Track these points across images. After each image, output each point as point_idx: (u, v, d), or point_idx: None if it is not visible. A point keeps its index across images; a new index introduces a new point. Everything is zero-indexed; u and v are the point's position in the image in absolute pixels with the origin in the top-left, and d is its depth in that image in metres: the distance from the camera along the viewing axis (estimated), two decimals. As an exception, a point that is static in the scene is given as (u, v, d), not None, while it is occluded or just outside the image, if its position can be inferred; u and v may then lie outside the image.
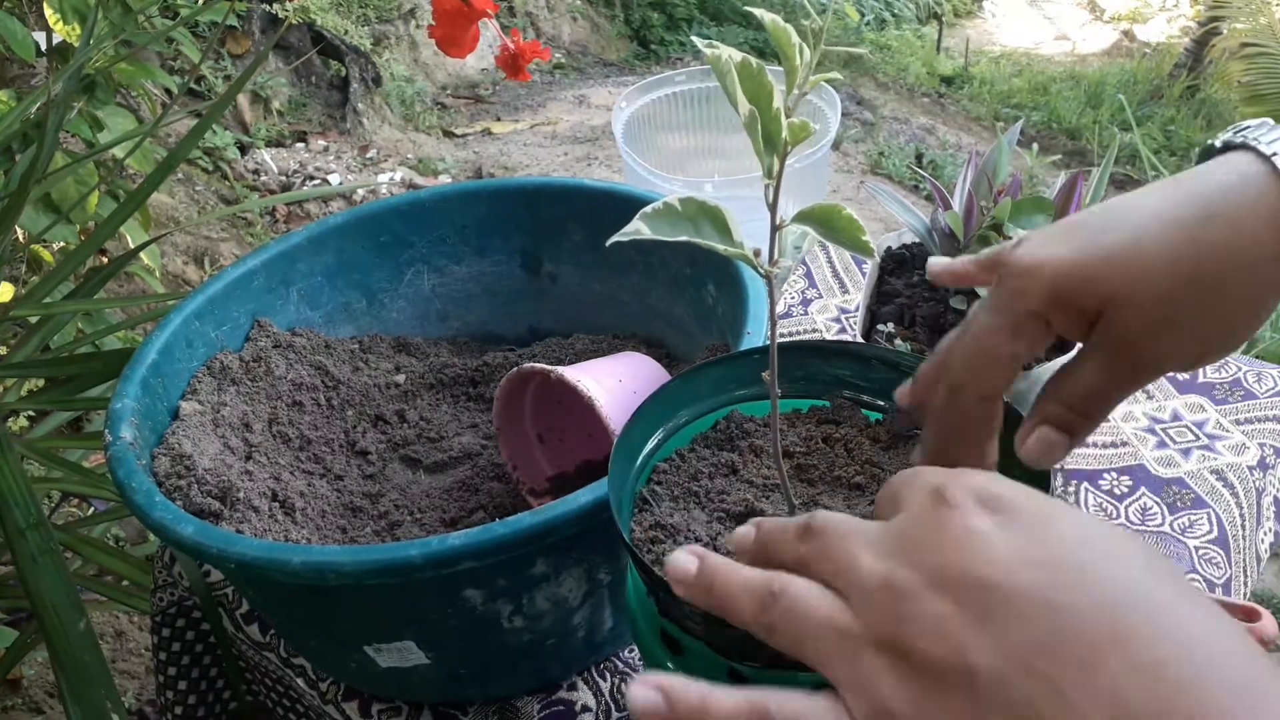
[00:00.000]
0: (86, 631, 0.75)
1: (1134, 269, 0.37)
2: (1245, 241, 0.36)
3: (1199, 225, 0.37)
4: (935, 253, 0.80)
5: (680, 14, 4.69)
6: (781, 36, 0.40)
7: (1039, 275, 0.37)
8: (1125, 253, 0.37)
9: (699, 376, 0.54)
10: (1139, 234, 0.37)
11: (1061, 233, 0.39)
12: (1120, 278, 0.37)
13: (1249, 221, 0.36)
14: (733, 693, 0.30)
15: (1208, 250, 0.36)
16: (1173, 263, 0.36)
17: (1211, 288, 0.37)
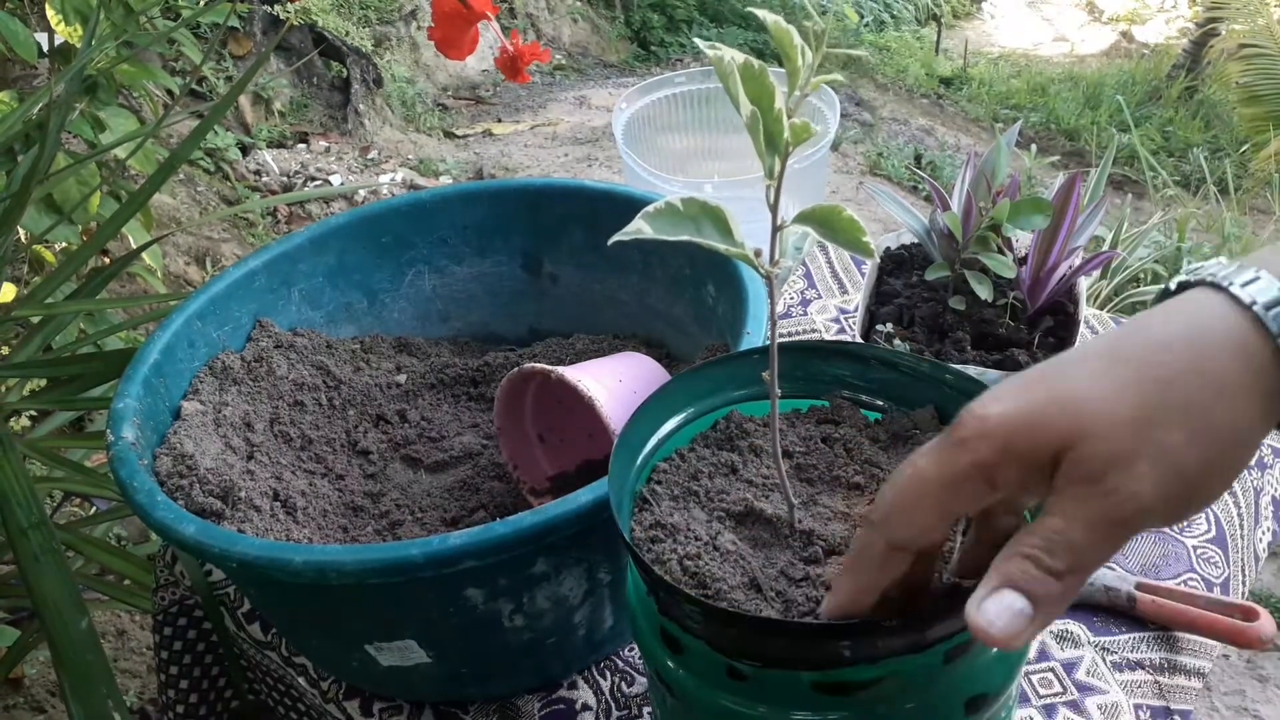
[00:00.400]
0: (88, 630, 0.75)
1: (1091, 402, 0.33)
2: (1211, 368, 0.34)
3: (1156, 353, 0.34)
4: (935, 253, 0.80)
5: (680, 15, 4.70)
6: (784, 38, 0.41)
7: (985, 425, 0.34)
8: (1078, 390, 0.34)
9: (699, 376, 0.55)
10: (1092, 372, 0.34)
11: (1009, 386, 0.35)
12: (1074, 414, 0.33)
13: (1213, 350, 0.34)
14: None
15: (1169, 376, 0.33)
16: (1135, 388, 0.33)
17: (1181, 410, 0.33)
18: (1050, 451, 0.33)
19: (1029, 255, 0.79)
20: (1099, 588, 0.70)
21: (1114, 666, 0.67)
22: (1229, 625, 0.67)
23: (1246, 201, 3.45)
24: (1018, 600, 0.33)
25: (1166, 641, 0.69)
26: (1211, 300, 0.35)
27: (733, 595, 0.45)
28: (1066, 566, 0.33)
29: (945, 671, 0.43)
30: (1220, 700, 1.64)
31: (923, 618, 0.41)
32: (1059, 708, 0.65)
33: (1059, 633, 0.69)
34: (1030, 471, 0.34)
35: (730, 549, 0.48)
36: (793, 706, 0.43)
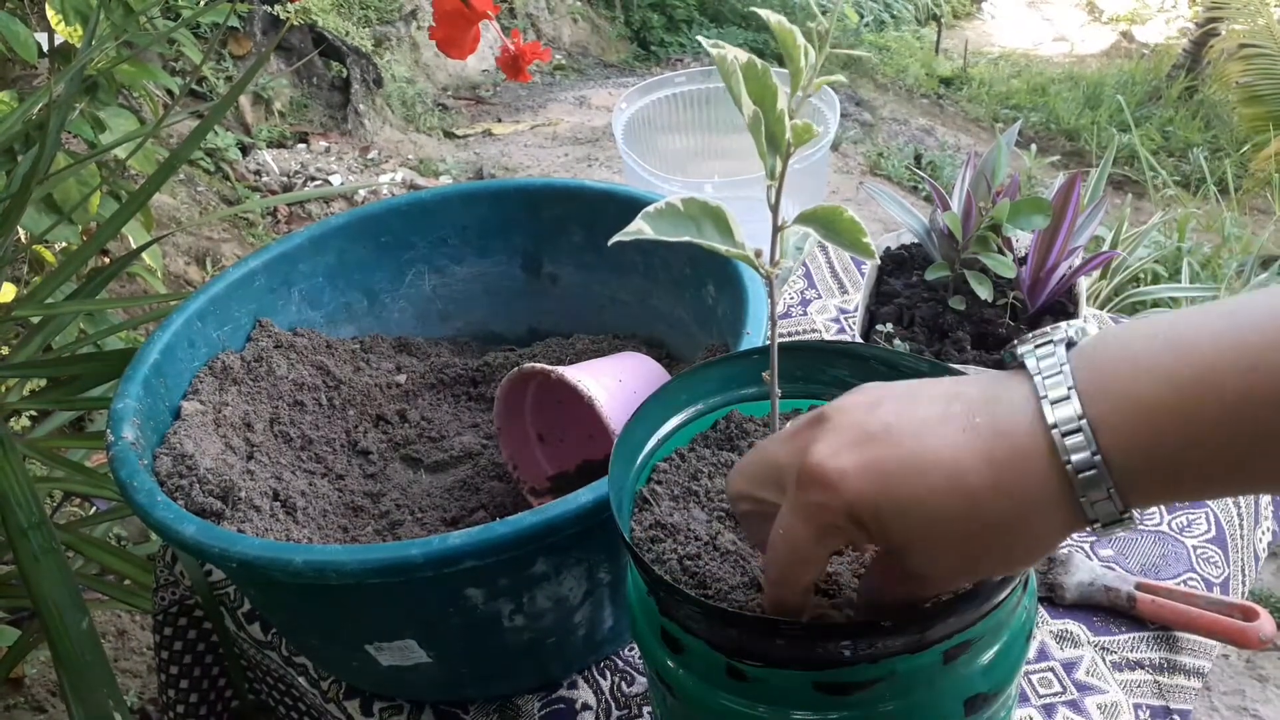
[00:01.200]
0: (89, 630, 0.75)
1: (921, 527, 0.38)
2: (1023, 515, 0.37)
3: (982, 497, 0.37)
4: (935, 253, 0.80)
5: (680, 15, 4.70)
6: (787, 38, 0.41)
7: (838, 498, 0.38)
8: (915, 504, 0.37)
9: (699, 376, 0.55)
10: (929, 493, 0.37)
11: (859, 440, 0.39)
12: (905, 531, 0.38)
13: (1029, 497, 0.36)
14: None
15: (990, 522, 0.37)
16: (954, 526, 0.37)
17: (989, 549, 0.38)
18: (887, 545, 0.39)
19: (1029, 255, 0.79)
20: (1099, 588, 0.70)
21: (1114, 666, 0.67)
22: (1229, 625, 0.67)
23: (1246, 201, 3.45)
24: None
25: (1166, 641, 0.69)
26: (1029, 426, 0.37)
27: (733, 595, 0.45)
28: (874, 607, 0.43)
29: (945, 671, 0.43)
30: (1220, 700, 1.64)
31: (923, 618, 0.41)
32: (1058, 707, 0.65)
33: (1059, 632, 0.69)
34: (870, 539, 0.39)
35: (730, 549, 0.48)
36: (793, 706, 0.43)
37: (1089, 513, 0.36)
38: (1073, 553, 0.73)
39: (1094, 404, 0.35)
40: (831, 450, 0.39)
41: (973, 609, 0.42)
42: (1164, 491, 0.37)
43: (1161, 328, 0.36)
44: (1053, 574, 0.71)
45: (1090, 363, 0.36)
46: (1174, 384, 0.34)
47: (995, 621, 0.44)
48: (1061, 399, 0.36)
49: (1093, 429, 0.35)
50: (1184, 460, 0.35)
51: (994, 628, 0.44)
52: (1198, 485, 0.36)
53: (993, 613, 0.43)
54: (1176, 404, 0.34)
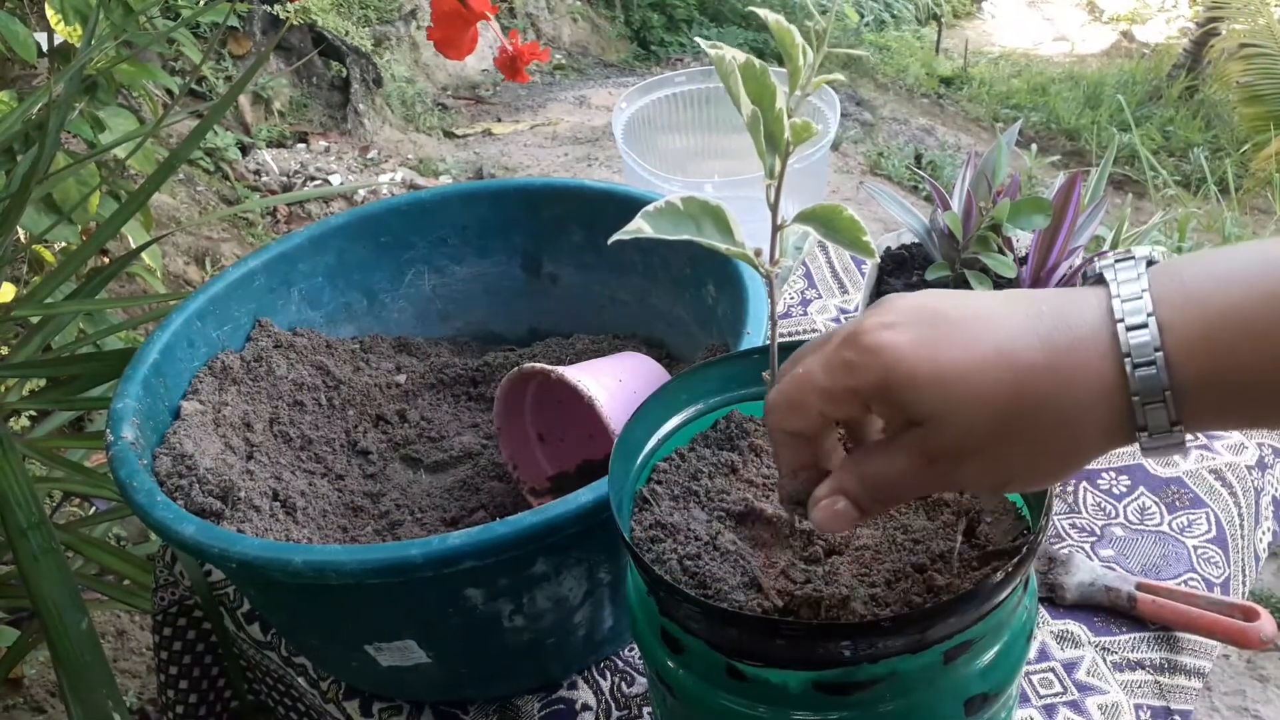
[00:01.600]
0: (88, 631, 0.75)
1: (961, 393, 0.36)
2: (1068, 403, 0.35)
3: (1031, 374, 0.35)
4: (935, 253, 0.80)
5: (680, 15, 4.69)
6: (786, 37, 0.40)
7: (875, 362, 0.37)
8: (957, 376, 0.36)
9: (699, 376, 0.55)
10: (977, 362, 0.36)
11: (909, 319, 0.37)
12: (941, 400, 0.36)
13: (1079, 383, 0.35)
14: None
15: (1031, 403, 0.35)
16: (994, 401, 0.36)
17: (1023, 436, 0.36)
18: (918, 417, 0.37)
19: (1029, 255, 0.79)
20: (1100, 588, 0.70)
21: (1114, 666, 0.67)
22: (1229, 625, 0.67)
23: (1247, 201, 3.45)
24: (847, 506, 0.41)
25: (1167, 641, 0.69)
26: (1101, 319, 0.36)
27: (733, 595, 0.45)
28: (884, 498, 0.40)
29: (945, 671, 0.43)
30: (1220, 700, 1.63)
31: (923, 617, 0.41)
32: (1059, 708, 0.65)
33: (1059, 633, 0.69)
34: (896, 414, 0.38)
35: (730, 549, 0.47)
36: (793, 706, 0.43)
37: (1139, 417, 0.35)
38: (1073, 553, 0.72)
39: (1166, 307, 0.34)
40: (886, 321, 0.37)
41: (973, 609, 0.42)
42: (1222, 409, 0.35)
43: (1248, 246, 0.35)
44: (1053, 574, 0.71)
45: (1169, 273, 0.35)
46: (1255, 292, 0.33)
47: (996, 622, 0.44)
48: (1133, 297, 0.35)
49: (1160, 329, 0.34)
50: (1251, 375, 0.33)
51: (994, 628, 0.44)
52: (1258, 408, 0.35)
53: (993, 613, 0.43)
54: (1254, 312, 0.33)
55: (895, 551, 0.47)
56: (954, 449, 0.37)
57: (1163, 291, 0.35)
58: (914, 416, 0.37)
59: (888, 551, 0.47)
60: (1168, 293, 0.35)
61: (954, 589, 0.44)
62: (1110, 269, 0.37)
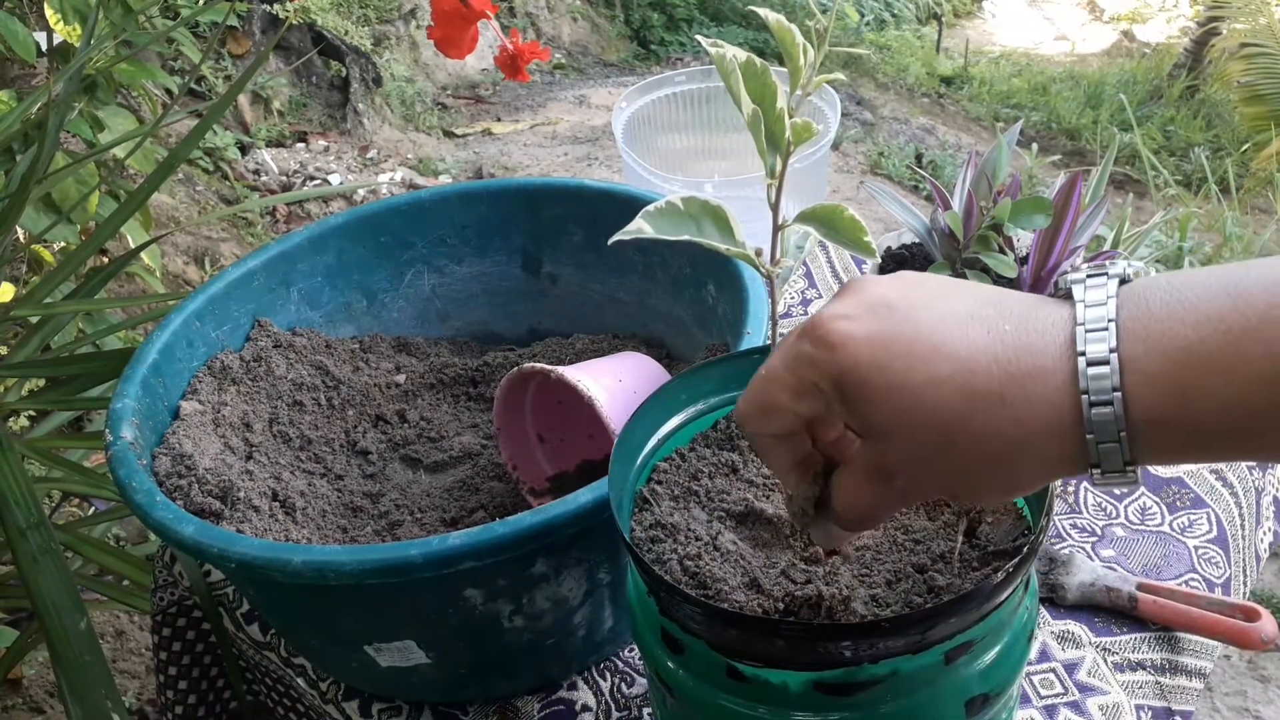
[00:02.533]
0: (87, 631, 0.75)
1: (909, 413, 0.35)
2: (1019, 437, 0.35)
3: (985, 403, 0.35)
4: (936, 252, 0.80)
5: (680, 14, 4.69)
6: (786, 37, 0.40)
7: (830, 358, 0.36)
8: (910, 393, 0.35)
9: (699, 376, 0.55)
10: (930, 380, 0.35)
11: (872, 316, 0.36)
12: (892, 414, 0.35)
13: (1034, 419, 0.34)
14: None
15: (979, 430, 0.35)
16: (943, 421, 0.35)
17: (970, 460, 0.35)
18: (867, 427, 0.37)
19: (1030, 255, 0.79)
20: (1100, 588, 0.70)
21: (1115, 667, 0.67)
22: (1230, 626, 0.67)
23: (1248, 201, 3.45)
24: (835, 528, 0.42)
25: (1168, 642, 0.69)
26: (1062, 335, 0.35)
27: (733, 595, 0.45)
28: (853, 526, 0.41)
29: (945, 672, 0.43)
30: (1221, 701, 1.63)
31: (924, 618, 0.40)
32: (1060, 708, 0.65)
33: (1060, 633, 0.69)
34: (851, 419, 0.38)
35: (731, 549, 0.47)
36: (793, 707, 0.43)
37: (1092, 454, 0.34)
38: (1074, 553, 0.72)
39: (1130, 340, 0.33)
40: (843, 312, 0.37)
41: (974, 609, 0.42)
42: (1178, 449, 0.34)
43: (1218, 274, 0.33)
44: (1054, 574, 0.71)
45: (1137, 300, 0.34)
46: (1221, 328, 0.32)
47: (996, 622, 0.43)
48: (1098, 328, 0.34)
49: (1121, 366, 0.33)
50: (1211, 419, 0.32)
51: (995, 628, 0.44)
52: (1215, 449, 0.34)
53: (994, 613, 0.43)
54: (1218, 351, 0.32)
55: (896, 552, 0.47)
56: (907, 465, 0.37)
57: (1130, 321, 0.34)
58: (865, 427, 0.37)
59: (888, 552, 0.47)
60: (1134, 324, 0.34)
61: (954, 589, 0.44)
62: (1080, 285, 0.36)
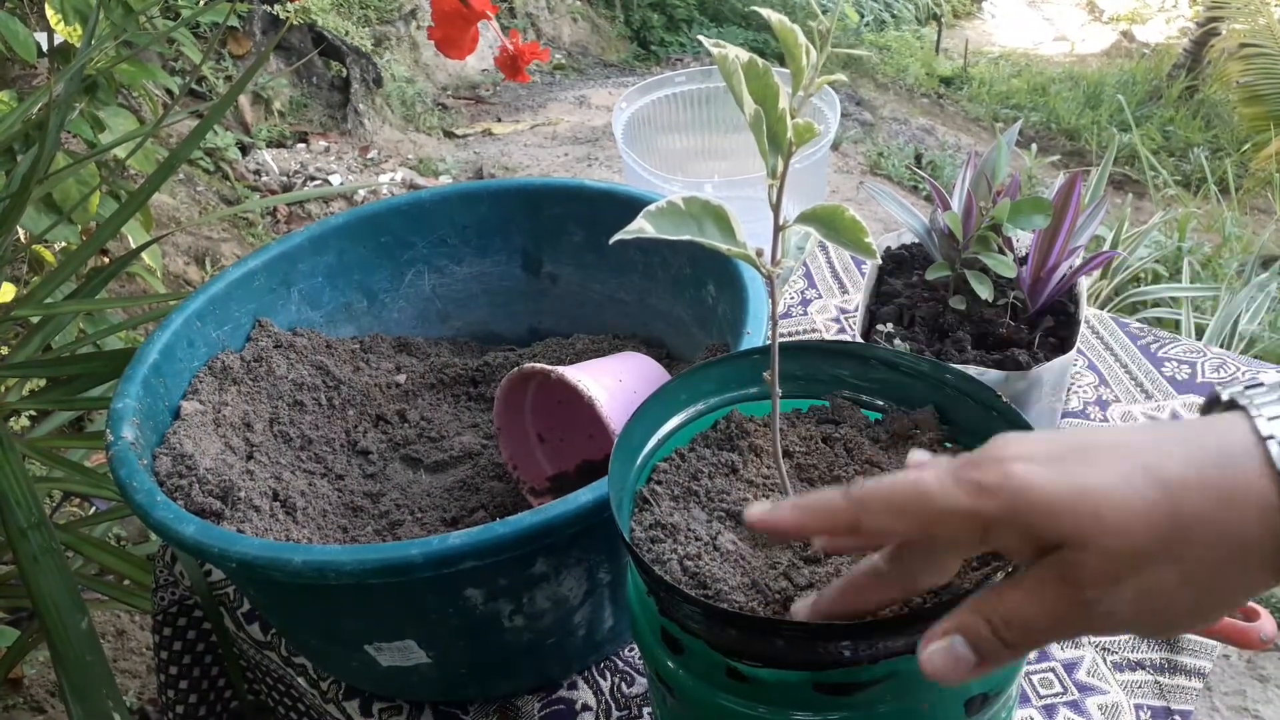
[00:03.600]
0: (88, 631, 0.75)
1: (1106, 509, 0.33)
2: (1231, 518, 0.33)
3: (1184, 489, 0.33)
4: (935, 253, 0.80)
5: (680, 15, 4.69)
6: (789, 37, 0.40)
7: (1007, 485, 0.34)
8: (1101, 492, 0.33)
9: (699, 376, 0.55)
10: (1121, 477, 0.33)
11: (1044, 449, 0.35)
12: (1090, 514, 0.33)
13: (1238, 500, 0.33)
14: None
15: (1188, 519, 0.33)
16: (1157, 518, 0.33)
17: (1183, 557, 0.33)
18: (1054, 539, 0.34)
19: (1029, 255, 0.79)
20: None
21: (1114, 667, 0.67)
22: (1230, 625, 0.67)
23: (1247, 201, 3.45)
24: (966, 651, 0.36)
25: (1167, 642, 0.69)
26: (1245, 437, 0.34)
27: (733, 595, 0.45)
28: (1018, 642, 0.35)
29: (946, 672, 0.43)
30: (1221, 700, 1.63)
31: (923, 618, 0.41)
32: (1059, 708, 0.65)
33: (1059, 633, 0.69)
34: (1025, 544, 0.35)
35: (730, 549, 0.47)
36: (793, 706, 0.43)
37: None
38: (1073, 553, 0.72)
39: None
40: (1015, 454, 0.34)
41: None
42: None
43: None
44: (1053, 574, 0.71)
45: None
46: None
47: (996, 622, 0.43)
48: (1278, 417, 0.33)
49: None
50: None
51: (995, 628, 0.44)
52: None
53: (994, 613, 0.43)
54: None
55: (895, 552, 0.47)
56: (1104, 573, 0.33)
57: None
58: (1051, 541, 0.34)
59: (888, 552, 0.47)
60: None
61: (954, 589, 0.44)
62: (1242, 395, 0.35)
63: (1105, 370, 0.90)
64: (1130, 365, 0.90)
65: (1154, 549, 0.33)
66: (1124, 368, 0.90)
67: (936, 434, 0.53)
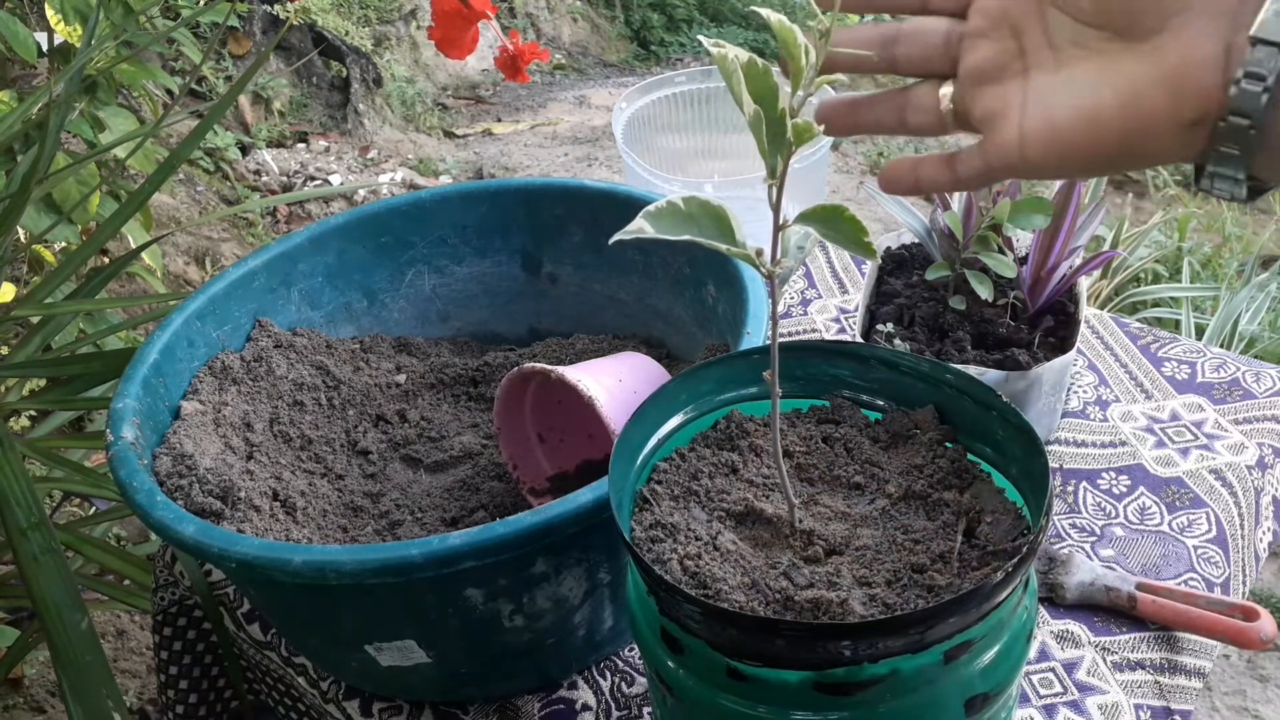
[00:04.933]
0: (88, 630, 0.75)
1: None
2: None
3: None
4: (935, 253, 0.80)
5: (680, 15, 4.69)
6: (788, 37, 0.40)
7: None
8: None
9: (699, 376, 0.55)
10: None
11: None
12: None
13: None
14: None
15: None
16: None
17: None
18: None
19: (1029, 255, 0.79)
20: (1100, 588, 0.70)
21: (1114, 666, 0.67)
22: (1230, 625, 0.67)
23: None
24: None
25: (1167, 641, 0.69)
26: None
27: (733, 595, 0.45)
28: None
29: (945, 671, 0.43)
30: (1221, 700, 1.63)
31: (923, 618, 0.41)
32: (1059, 708, 0.65)
33: (1059, 633, 0.69)
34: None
35: (730, 549, 0.47)
36: (793, 706, 0.43)
37: (1220, 131, 0.35)
38: (1073, 553, 0.72)
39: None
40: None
41: (973, 609, 0.42)
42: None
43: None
44: (1053, 574, 0.71)
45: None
46: None
47: (996, 621, 0.44)
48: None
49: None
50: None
51: (994, 628, 0.44)
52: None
53: (993, 613, 0.43)
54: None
55: (895, 551, 0.47)
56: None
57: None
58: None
59: (888, 551, 0.47)
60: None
61: (954, 589, 0.44)
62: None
63: (1105, 370, 0.90)
64: (1130, 365, 0.90)
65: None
66: (1124, 367, 0.90)
67: (936, 434, 0.53)
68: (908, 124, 0.45)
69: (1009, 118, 0.41)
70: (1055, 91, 0.40)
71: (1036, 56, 0.41)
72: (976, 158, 0.43)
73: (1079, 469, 0.81)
